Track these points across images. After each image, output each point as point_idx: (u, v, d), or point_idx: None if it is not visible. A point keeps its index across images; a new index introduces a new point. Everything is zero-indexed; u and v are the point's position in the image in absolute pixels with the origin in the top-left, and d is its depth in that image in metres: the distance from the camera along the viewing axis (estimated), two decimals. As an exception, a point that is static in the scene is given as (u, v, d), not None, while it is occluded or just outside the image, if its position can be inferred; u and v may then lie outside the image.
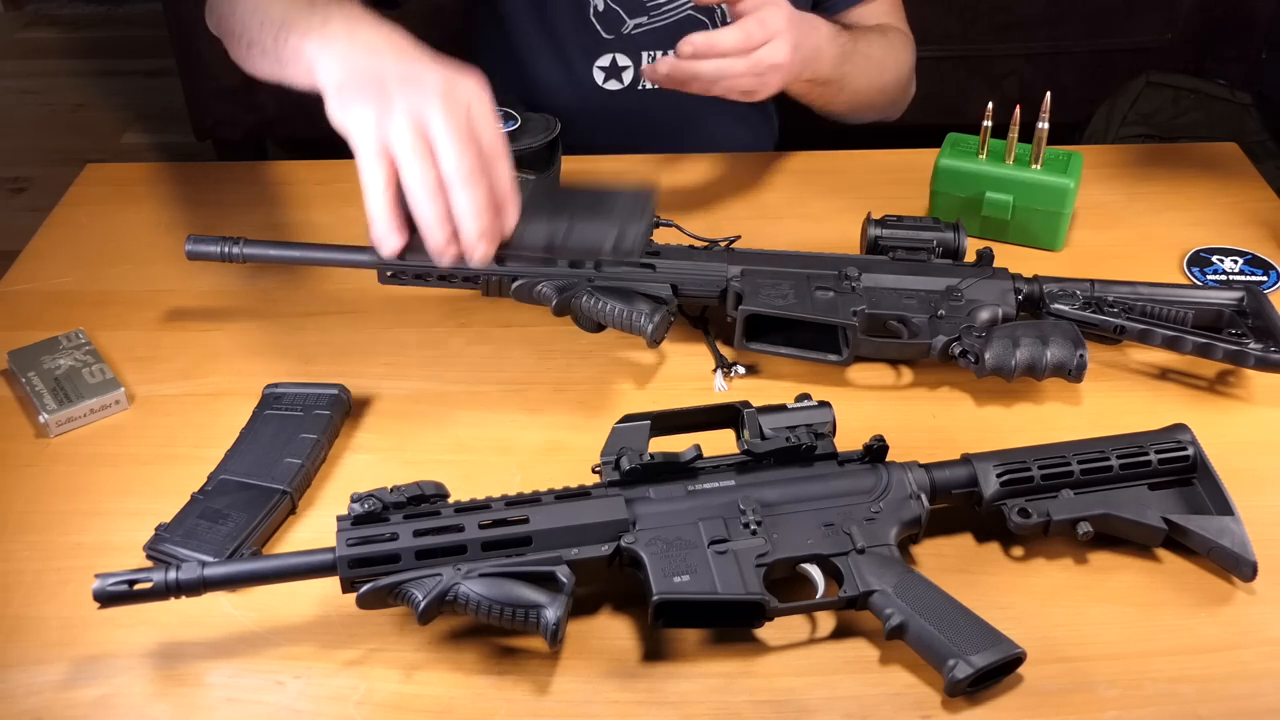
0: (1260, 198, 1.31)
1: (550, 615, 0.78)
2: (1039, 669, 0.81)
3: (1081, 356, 1.01)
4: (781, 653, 0.83)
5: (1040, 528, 0.87)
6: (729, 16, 1.10)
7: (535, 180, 0.93)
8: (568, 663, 0.82)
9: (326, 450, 0.98)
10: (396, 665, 0.82)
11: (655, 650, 0.83)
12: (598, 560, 0.82)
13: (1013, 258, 1.16)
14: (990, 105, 1.20)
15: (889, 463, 0.90)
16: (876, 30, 1.35)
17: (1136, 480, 0.90)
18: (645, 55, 1.39)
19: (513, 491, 0.85)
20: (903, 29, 1.41)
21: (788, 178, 1.35)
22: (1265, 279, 1.17)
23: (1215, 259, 1.20)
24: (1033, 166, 1.20)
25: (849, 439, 0.90)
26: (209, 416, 1.02)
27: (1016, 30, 2.49)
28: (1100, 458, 0.90)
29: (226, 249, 1.06)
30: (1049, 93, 1.18)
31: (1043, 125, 1.18)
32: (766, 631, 0.83)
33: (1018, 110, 1.20)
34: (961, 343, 1.02)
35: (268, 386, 1.02)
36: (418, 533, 0.80)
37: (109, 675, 0.82)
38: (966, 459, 0.90)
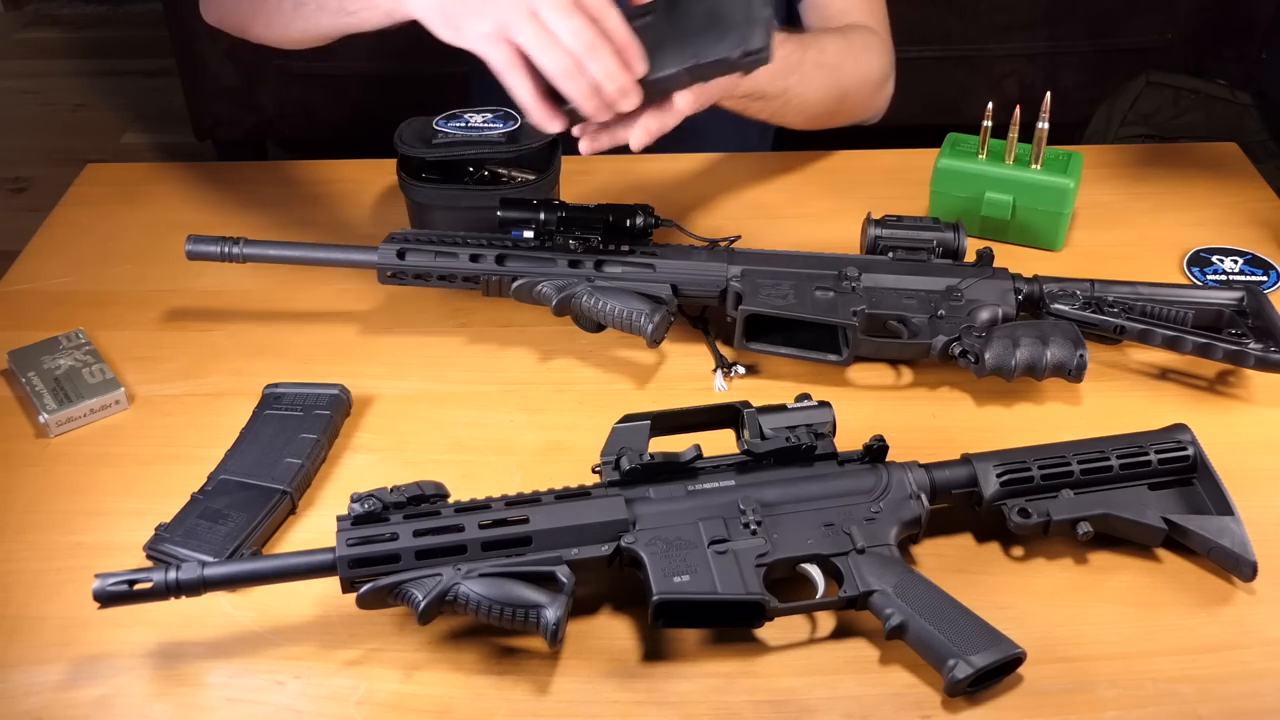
0: (1260, 198, 1.31)
1: (550, 615, 0.78)
2: (1039, 669, 0.81)
3: (1081, 356, 1.01)
4: (781, 653, 0.83)
5: (1040, 528, 0.87)
6: None
7: (650, 14, 0.93)
8: (568, 663, 0.82)
9: (326, 450, 0.98)
10: (396, 665, 0.82)
11: (655, 650, 0.83)
12: (598, 560, 0.82)
13: (1013, 258, 1.16)
14: (990, 105, 1.20)
15: (889, 463, 0.90)
16: (835, 33, 1.28)
17: (1136, 480, 0.90)
18: None
19: (513, 491, 0.85)
20: (876, 28, 1.33)
21: (788, 178, 1.35)
22: (1265, 279, 1.17)
23: (1215, 259, 1.20)
24: (1033, 166, 1.20)
25: (849, 439, 0.90)
26: (209, 416, 1.02)
27: (1016, 30, 2.49)
28: (1100, 458, 0.90)
29: (226, 249, 1.06)
30: (1049, 93, 1.18)
31: (1043, 125, 1.18)
32: (766, 631, 0.83)
33: (1018, 110, 1.20)
34: (961, 343, 1.02)
35: (268, 386, 1.02)
36: (418, 533, 0.80)
37: (109, 675, 0.82)
38: (966, 459, 0.90)
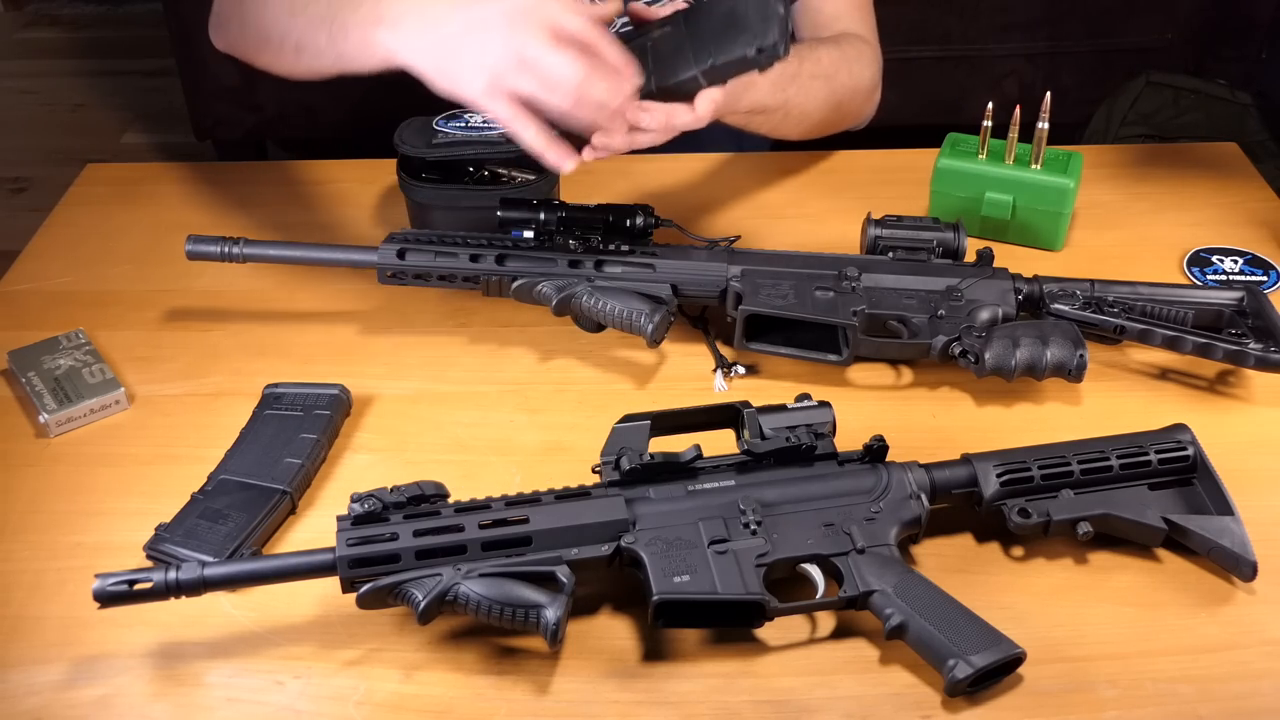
0: (1260, 198, 1.31)
1: (550, 615, 0.78)
2: (1039, 669, 0.81)
3: (1081, 356, 1.01)
4: (781, 653, 0.83)
5: (1040, 528, 0.87)
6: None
7: (667, 26, 0.95)
8: (568, 663, 0.82)
9: (326, 450, 0.98)
10: (396, 665, 0.82)
11: (655, 650, 0.83)
12: (598, 560, 0.82)
13: (1013, 258, 1.16)
14: (990, 105, 1.20)
15: (889, 463, 0.90)
16: (829, 43, 1.29)
17: (1136, 480, 0.90)
18: None
19: (513, 491, 0.85)
20: (865, 35, 1.34)
21: (788, 178, 1.35)
22: (1265, 279, 1.17)
23: (1215, 259, 1.20)
24: (1033, 166, 1.20)
25: (849, 439, 0.90)
26: (209, 416, 1.02)
27: (1016, 30, 2.49)
28: (1100, 458, 0.90)
29: (226, 249, 1.06)
30: (1049, 93, 1.18)
31: (1043, 125, 1.18)
32: (766, 631, 0.83)
33: (1018, 110, 1.20)
34: (961, 343, 1.02)
35: (268, 386, 1.02)
36: (418, 533, 0.80)
37: (109, 675, 0.82)
38: (966, 459, 0.90)
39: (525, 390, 1.06)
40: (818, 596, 0.83)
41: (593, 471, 0.88)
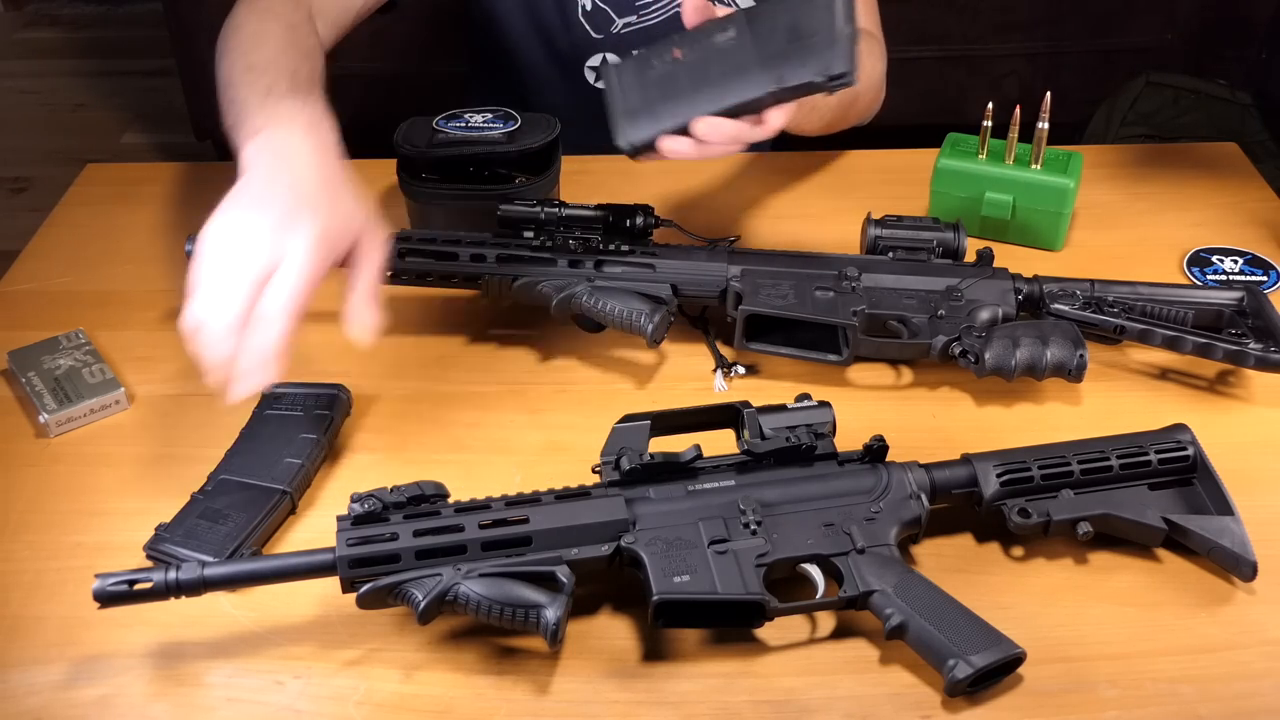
0: (1260, 198, 1.31)
1: (550, 615, 0.78)
2: (1039, 669, 0.81)
3: (1081, 356, 1.01)
4: (781, 653, 0.83)
5: (1040, 528, 0.87)
6: None
7: (730, 29, 0.95)
8: (568, 663, 0.82)
9: (326, 450, 0.98)
10: (396, 665, 0.82)
11: (655, 650, 0.83)
12: (598, 560, 0.82)
13: (1013, 258, 1.16)
14: (990, 105, 1.20)
15: (889, 463, 0.90)
16: None
17: (1136, 480, 0.90)
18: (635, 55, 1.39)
19: (513, 491, 0.85)
20: (874, 31, 1.35)
21: (788, 178, 1.35)
22: (1265, 279, 1.17)
23: (1215, 259, 1.20)
24: (1033, 166, 1.20)
25: (849, 439, 0.90)
26: (209, 416, 1.02)
27: (1016, 30, 2.49)
28: (1100, 458, 0.90)
29: (226, 249, 1.06)
30: (1049, 93, 1.18)
31: (1043, 125, 1.18)
32: (766, 631, 0.83)
33: (1018, 110, 1.20)
34: (961, 343, 1.02)
35: (268, 386, 1.02)
36: (418, 533, 0.80)
37: (109, 675, 0.82)
38: (966, 459, 0.90)
39: (525, 390, 1.06)
40: (818, 596, 0.83)
41: (593, 471, 0.88)
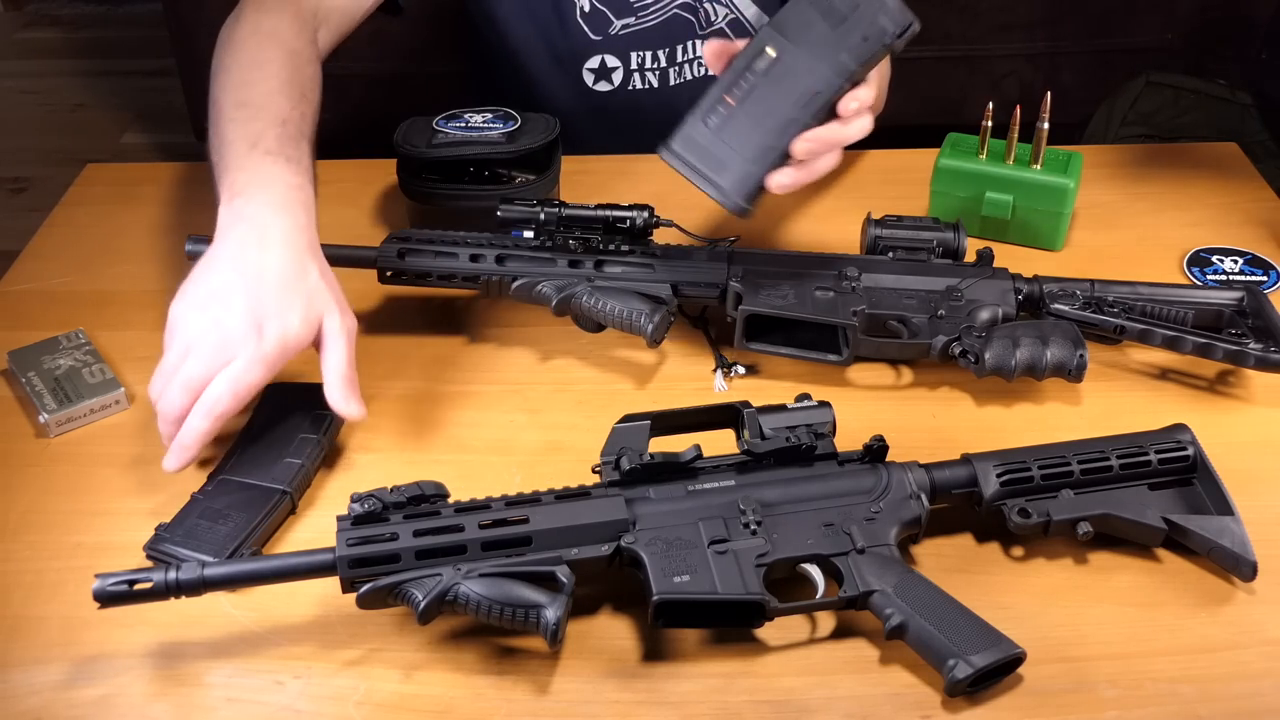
0: (1260, 198, 1.31)
1: (550, 615, 0.78)
2: (1039, 669, 0.81)
3: (1081, 356, 1.01)
4: (781, 653, 0.83)
5: (1040, 528, 0.87)
6: None
7: (764, 51, 0.95)
8: (568, 663, 0.82)
9: (326, 450, 0.98)
10: (396, 665, 0.82)
11: (655, 650, 0.83)
12: (598, 560, 0.82)
13: (1013, 258, 1.16)
14: (990, 105, 1.20)
15: (889, 463, 0.90)
16: None
17: (1136, 480, 0.90)
18: (634, 55, 1.39)
19: (513, 491, 0.85)
20: None
21: (788, 178, 1.35)
22: (1265, 279, 1.17)
23: (1215, 259, 1.20)
24: (1033, 166, 1.20)
25: (849, 439, 0.90)
26: (209, 416, 1.02)
27: (1016, 30, 2.49)
28: (1100, 458, 0.90)
29: (226, 249, 1.06)
30: (1049, 93, 1.18)
31: (1043, 125, 1.18)
32: (766, 631, 0.83)
33: (1018, 110, 1.20)
34: (961, 343, 1.02)
35: (268, 386, 1.02)
36: (418, 533, 0.80)
37: (109, 675, 0.82)
38: (966, 459, 0.90)
39: (525, 390, 1.06)
40: (818, 596, 0.83)
41: (593, 471, 0.88)
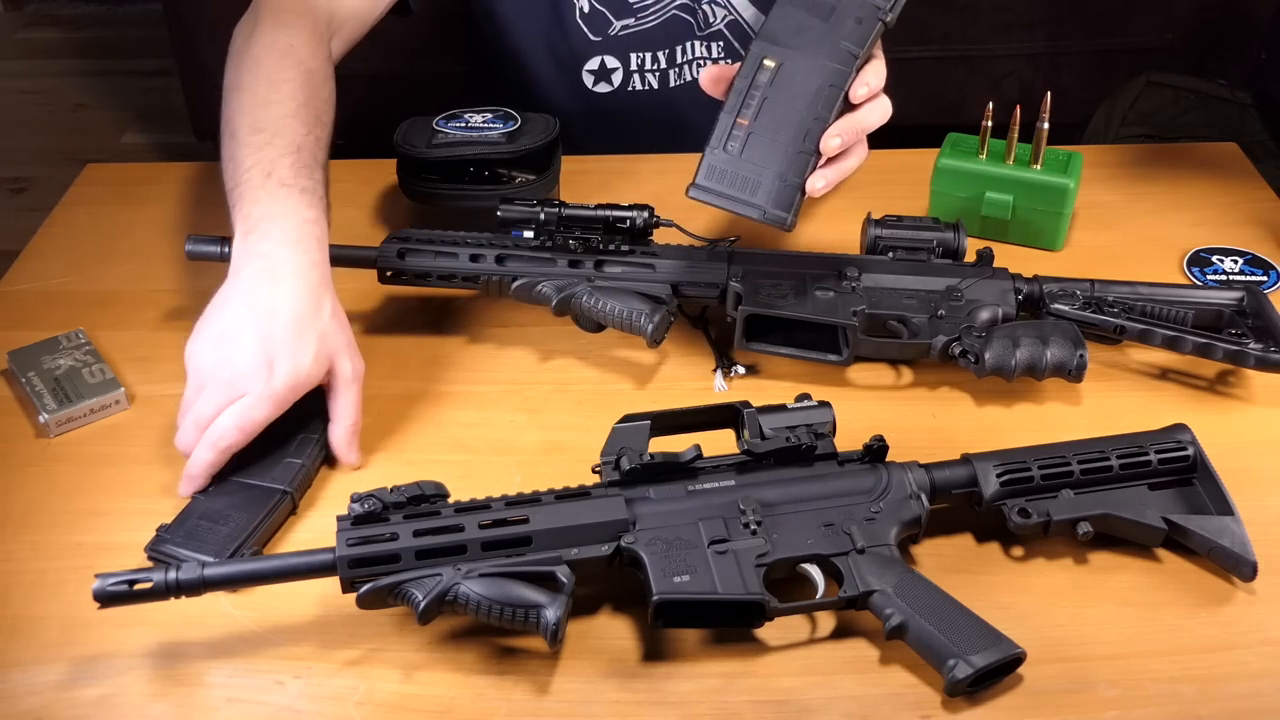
0: (1260, 198, 1.31)
1: (550, 615, 0.78)
2: (1039, 669, 0.81)
3: (1081, 356, 1.01)
4: (781, 653, 0.83)
5: (1040, 528, 0.87)
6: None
7: (763, 62, 0.96)
8: (568, 663, 0.82)
9: (327, 450, 0.98)
10: (396, 665, 0.82)
11: (655, 650, 0.83)
12: (598, 560, 0.82)
13: (1013, 258, 1.16)
14: (990, 105, 1.20)
15: (889, 463, 0.90)
16: None
17: (1136, 480, 0.90)
18: (634, 56, 1.39)
19: (513, 491, 0.85)
20: None
21: (788, 178, 1.35)
22: (1265, 279, 1.17)
23: (1215, 259, 1.20)
24: (1033, 166, 1.20)
25: (849, 439, 0.90)
26: (209, 416, 1.02)
27: (1016, 30, 2.49)
28: (1100, 458, 0.90)
29: (226, 249, 1.05)
30: (1049, 93, 1.18)
31: (1043, 125, 1.18)
32: (766, 631, 0.83)
33: (1018, 110, 1.20)
34: (961, 343, 1.02)
35: None
36: (418, 533, 0.80)
37: (109, 675, 0.82)
38: (966, 459, 0.90)
39: (525, 390, 1.06)
40: (818, 596, 0.83)
41: (593, 471, 0.88)
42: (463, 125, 1.20)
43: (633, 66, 1.39)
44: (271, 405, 0.91)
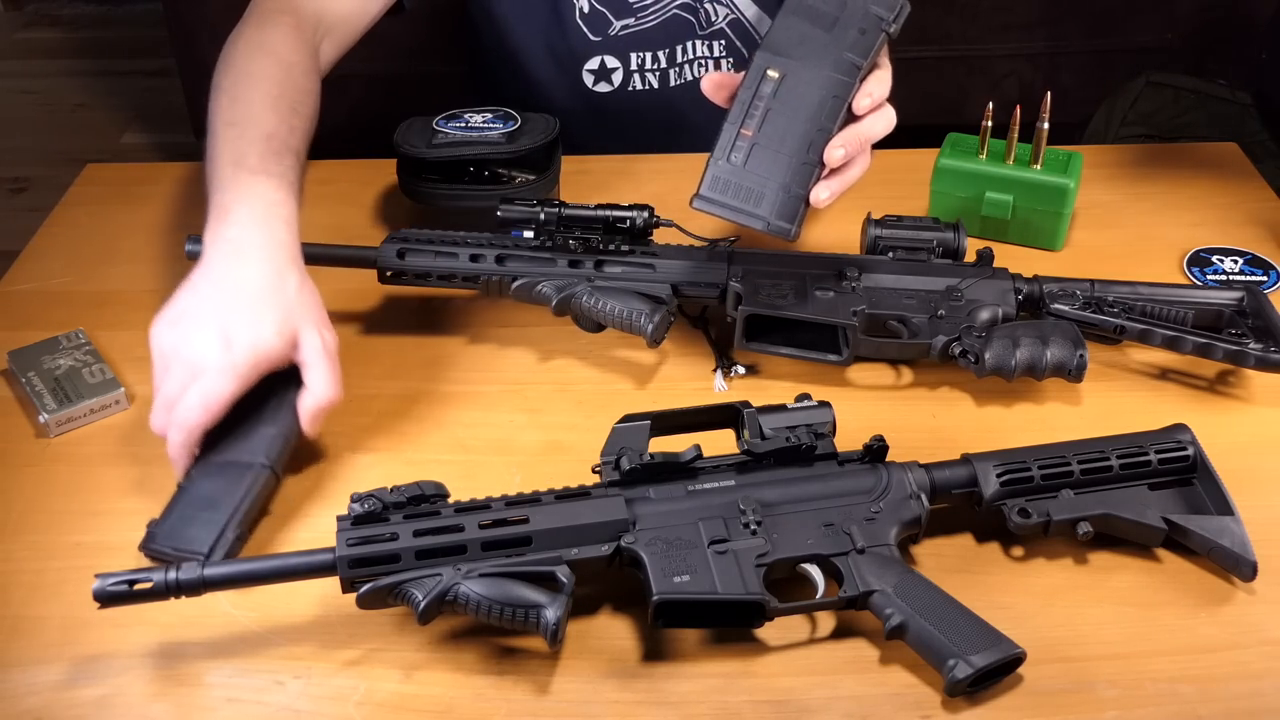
0: (1260, 198, 1.31)
1: (550, 615, 0.78)
2: (1039, 669, 0.81)
3: (1081, 356, 1.01)
4: (781, 653, 0.83)
5: (1040, 528, 0.87)
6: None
7: (766, 75, 0.96)
8: (568, 663, 0.82)
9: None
10: (396, 665, 0.82)
11: (655, 650, 0.83)
12: (598, 560, 0.82)
13: (1013, 258, 1.16)
14: (990, 105, 1.20)
15: (889, 463, 0.90)
16: None
17: (1136, 480, 0.90)
18: (634, 56, 1.39)
19: (513, 491, 0.85)
20: None
21: (788, 178, 1.35)
22: (1265, 279, 1.17)
23: (1215, 259, 1.20)
24: (1033, 166, 1.20)
25: (849, 439, 0.90)
26: (209, 416, 1.02)
27: (1016, 30, 2.49)
28: (1100, 458, 0.90)
29: (226, 249, 1.06)
30: (1049, 93, 1.18)
31: (1043, 125, 1.18)
32: (766, 631, 0.83)
33: (1018, 110, 1.20)
34: (961, 343, 1.02)
35: None
36: (418, 533, 0.80)
37: (109, 675, 0.82)
38: (966, 459, 0.90)
39: (525, 390, 1.06)
40: (818, 596, 0.83)
41: (593, 471, 0.88)
42: (462, 125, 1.20)
43: (633, 66, 1.39)
44: (233, 379, 0.90)
